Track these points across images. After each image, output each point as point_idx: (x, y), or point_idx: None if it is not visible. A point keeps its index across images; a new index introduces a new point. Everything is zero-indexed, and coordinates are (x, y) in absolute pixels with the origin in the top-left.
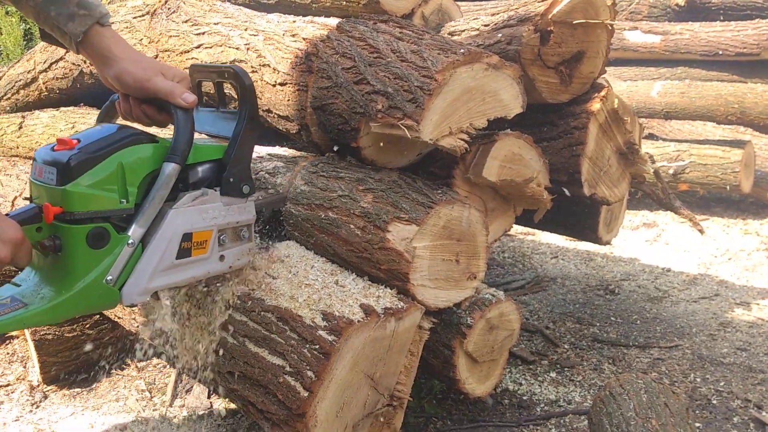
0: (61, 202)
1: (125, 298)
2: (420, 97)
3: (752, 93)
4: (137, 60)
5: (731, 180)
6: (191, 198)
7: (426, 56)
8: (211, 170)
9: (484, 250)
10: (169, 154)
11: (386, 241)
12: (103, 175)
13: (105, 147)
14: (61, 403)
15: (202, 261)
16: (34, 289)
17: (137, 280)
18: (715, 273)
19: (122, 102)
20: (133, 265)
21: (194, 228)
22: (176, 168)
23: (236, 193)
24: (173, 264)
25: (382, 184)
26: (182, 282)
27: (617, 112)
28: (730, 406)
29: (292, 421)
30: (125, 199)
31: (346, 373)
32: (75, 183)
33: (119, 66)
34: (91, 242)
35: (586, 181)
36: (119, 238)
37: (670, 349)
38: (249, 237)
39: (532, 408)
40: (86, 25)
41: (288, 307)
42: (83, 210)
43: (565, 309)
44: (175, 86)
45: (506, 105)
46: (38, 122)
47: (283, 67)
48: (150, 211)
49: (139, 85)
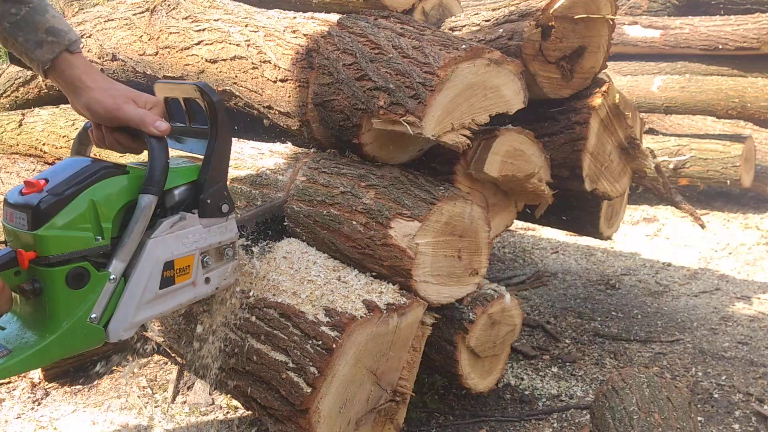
0: (35, 246)
1: (111, 335)
2: (422, 93)
3: (753, 87)
4: (107, 88)
5: (732, 174)
6: (169, 224)
7: (428, 52)
8: (187, 192)
9: (486, 246)
10: (145, 185)
11: (389, 237)
12: (75, 214)
13: (74, 185)
14: (62, 400)
15: (187, 287)
16: (18, 333)
17: (122, 316)
18: (715, 267)
19: (95, 130)
20: (116, 300)
21: (175, 255)
22: (153, 199)
23: (215, 213)
24: (157, 295)
25: (384, 180)
26: (168, 311)
27: (618, 107)
28: (731, 399)
29: (296, 417)
30: (100, 236)
31: (349, 368)
32: (47, 227)
33: (88, 95)
34: (71, 283)
35: (587, 176)
36: (100, 276)
37: (672, 344)
38: (233, 255)
39: (534, 403)
40: (54, 52)
41: (290, 304)
42: (58, 253)
43: (566, 304)
44: (147, 114)
45: (508, 100)
46: (38, 119)
47: (284, 64)
48: (130, 245)
49: (110, 114)
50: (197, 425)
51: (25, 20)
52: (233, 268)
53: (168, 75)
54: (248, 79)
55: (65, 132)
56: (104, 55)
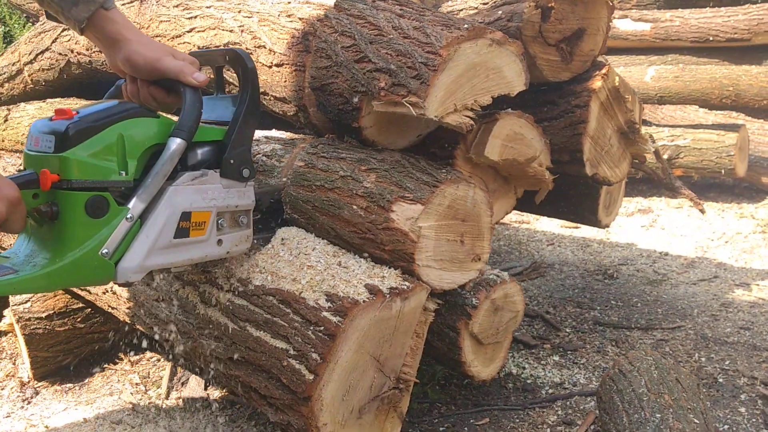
0: (59, 169)
1: (120, 275)
2: (425, 74)
3: (747, 75)
4: (146, 42)
5: (726, 164)
6: (191, 177)
7: (429, 32)
8: (210, 152)
9: (489, 231)
10: (176, 129)
11: (391, 221)
12: (103, 144)
13: (105, 117)
14: (53, 398)
15: (200, 243)
16: (25, 259)
17: (133, 257)
18: (712, 256)
19: (129, 85)
20: (130, 240)
21: (193, 207)
22: (182, 144)
23: (236, 175)
24: (171, 243)
25: (385, 164)
26: (179, 263)
27: (618, 90)
28: (736, 384)
29: (297, 406)
30: (124, 171)
31: (351, 355)
32: (73, 150)
33: (129, 48)
34: (90, 211)
35: (588, 160)
36: (119, 210)
37: (673, 330)
38: (247, 224)
39: (537, 391)
40: (90, 10)
41: (290, 290)
42: (81, 178)
43: (565, 294)
44: (186, 65)
45: (510, 82)
46: (24, 114)
47: (280, 48)
48: (152, 186)
49: (150, 65)
50: (192, 421)
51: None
52: (246, 237)
53: None
54: None
55: None
56: (92, 47)
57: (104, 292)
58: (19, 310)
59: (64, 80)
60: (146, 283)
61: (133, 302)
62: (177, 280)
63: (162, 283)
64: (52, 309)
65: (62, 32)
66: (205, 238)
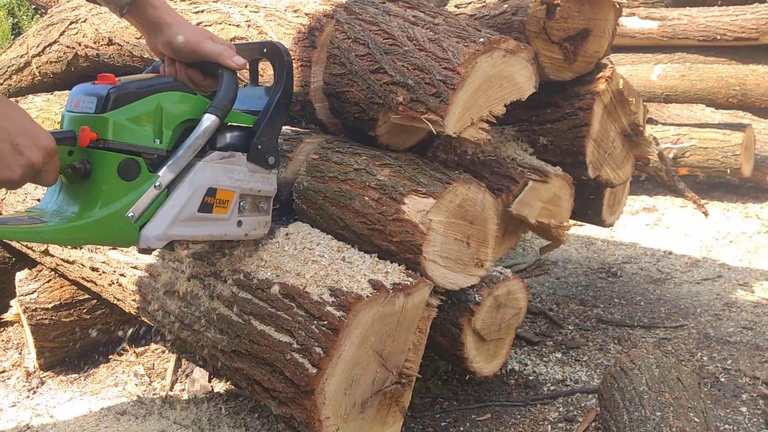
0: (98, 129)
1: (143, 240)
2: (444, 92)
3: (754, 75)
4: (187, 25)
5: (732, 163)
6: (219, 156)
7: (445, 46)
8: (239, 137)
9: (493, 239)
10: (212, 106)
11: (401, 212)
12: (142, 111)
13: (146, 87)
14: (58, 388)
15: (222, 221)
16: (54, 212)
17: (158, 224)
18: (716, 255)
19: (168, 67)
20: (156, 207)
21: (219, 185)
22: (216, 121)
23: (262, 161)
24: (194, 216)
25: (399, 161)
26: (200, 237)
27: (622, 93)
28: (738, 383)
29: (300, 399)
30: (159, 139)
31: (354, 349)
32: (113, 113)
33: (171, 30)
34: (122, 172)
35: (590, 163)
36: (149, 176)
37: (676, 329)
38: (267, 210)
39: (538, 387)
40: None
41: (294, 284)
42: (118, 140)
43: (568, 291)
44: (226, 49)
45: (521, 87)
46: (32, 106)
47: (286, 43)
48: (183, 158)
49: (191, 47)
50: (196, 413)
51: None
52: (264, 222)
53: None
54: None
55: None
56: (100, 40)
57: (110, 284)
58: (26, 301)
59: (71, 73)
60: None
61: (138, 294)
62: (182, 272)
63: (168, 275)
64: (59, 300)
65: (70, 25)
66: (227, 217)
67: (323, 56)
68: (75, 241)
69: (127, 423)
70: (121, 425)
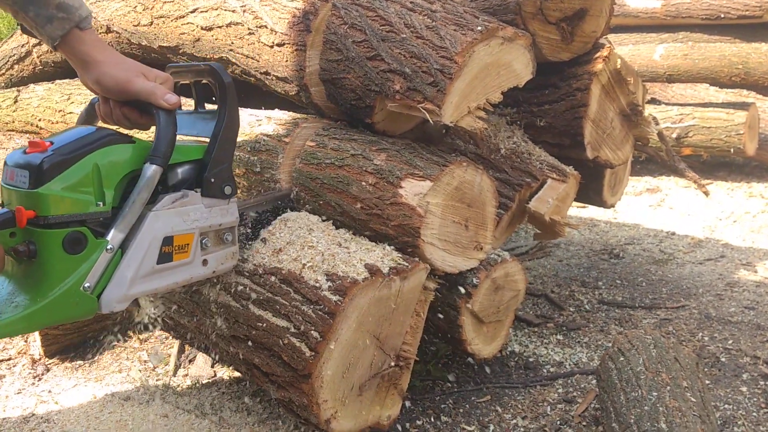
0: (35, 205)
1: (104, 306)
2: (441, 81)
3: (756, 53)
4: (117, 62)
5: (735, 143)
6: (171, 200)
7: (443, 34)
8: (191, 171)
9: (492, 222)
10: (151, 155)
11: (399, 196)
12: (78, 177)
13: (79, 148)
14: (63, 375)
15: (185, 266)
16: (7, 297)
17: (117, 287)
18: (720, 236)
19: (102, 105)
20: (112, 271)
21: (175, 231)
22: (158, 170)
23: (218, 194)
24: (154, 269)
25: (396, 146)
26: (164, 288)
27: (620, 73)
28: (739, 363)
29: (298, 383)
30: (102, 202)
31: (351, 333)
32: (48, 186)
33: (99, 69)
34: (68, 247)
35: (589, 143)
36: (97, 243)
37: (677, 310)
38: (233, 240)
39: (538, 369)
40: (64, 29)
41: (291, 269)
42: (58, 213)
43: (570, 273)
44: (157, 87)
45: (518, 74)
46: (33, 95)
47: (281, 28)
48: (130, 215)
49: (120, 87)
50: (199, 398)
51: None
52: (231, 254)
53: (163, 45)
54: (245, 45)
55: (61, 106)
56: (98, 28)
57: None
58: None
59: None
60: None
61: None
62: None
63: None
64: None
65: None
66: (190, 260)
67: (318, 40)
68: (33, 328)
69: (131, 408)
70: (125, 410)
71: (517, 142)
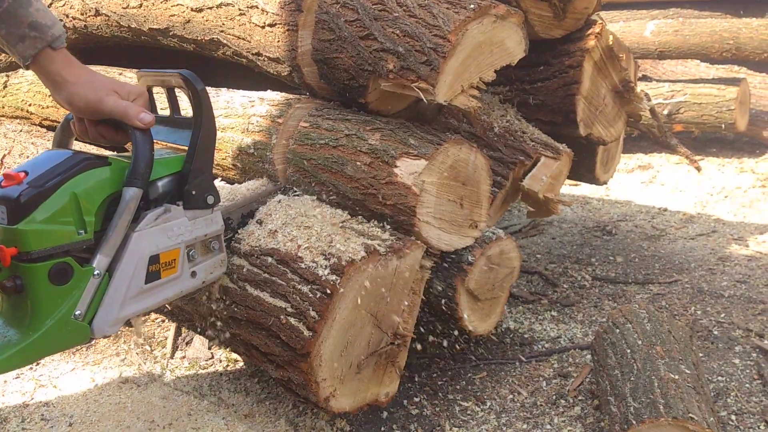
0: (16, 241)
1: (96, 332)
2: (434, 60)
3: (747, 28)
4: (88, 81)
5: (727, 118)
6: (154, 217)
7: (436, 12)
8: (171, 184)
9: (486, 200)
10: (129, 178)
11: (394, 175)
12: (56, 207)
13: (54, 177)
14: (61, 359)
15: (174, 281)
16: (0, 332)
17: (107, 312)
18: (711, 211)
19: (77, 123)
20: (101, 296)
21: (160, 249)
22: (138, 192)
23: (201, 205)
24: (143, 289)
25: (390, 125)
26: (154, 306)
27: (612, 49)
28: (731, 336)
29: (297, 362)
30: (83, 230)
31: (349, 312)
32: (27, 221)
33: (69, 89)
34: (54, 279)
35: (581, 120)
36: (83, 272)
37: (670, 285)
38: (220, 248)
39: (533, 345)
40: (36, 48)
41: (288, 250)
42: (40, 248)
43: (563, 250)
44: (130, 106)
45: (511, 52)
46: (23, 80)
47: (272, 8)
48: (114, 239)
49: (91, 107)
50: (197, 380)
51: (8, 13)
52: (220, 262)
53: (153, 27)
54: (236, 26)
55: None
56: (87, 11)
57: None
58: None
59: None
60: None
61: None
62: None
63: None
64: None
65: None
66: (178, 275)
67: (310, 20)
68: (28, 362)
69: (129, 391)
70: (123, 393)
71: (511, 120)
